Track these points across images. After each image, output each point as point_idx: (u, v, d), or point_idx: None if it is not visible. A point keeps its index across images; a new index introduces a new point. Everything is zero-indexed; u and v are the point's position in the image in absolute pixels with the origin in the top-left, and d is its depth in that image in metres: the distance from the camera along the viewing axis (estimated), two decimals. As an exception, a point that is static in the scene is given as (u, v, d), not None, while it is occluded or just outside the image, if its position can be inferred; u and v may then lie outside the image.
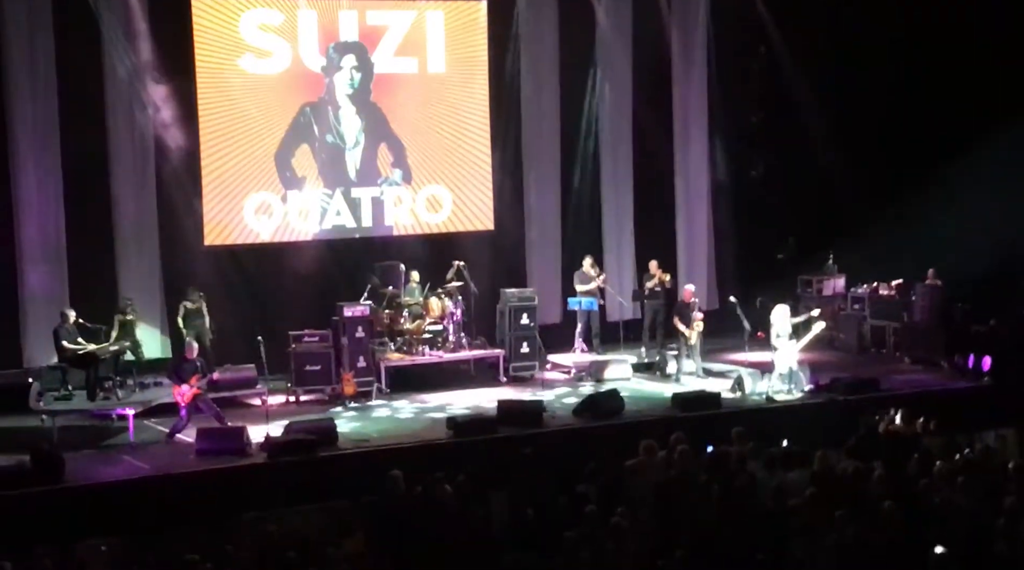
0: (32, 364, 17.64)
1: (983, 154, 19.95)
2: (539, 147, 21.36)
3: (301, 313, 18.68)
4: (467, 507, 12.03)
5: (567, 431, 15.73)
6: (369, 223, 20.21)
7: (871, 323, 20.83)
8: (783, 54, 22.20)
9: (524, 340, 19.06)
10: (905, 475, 12.24)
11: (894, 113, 21.55)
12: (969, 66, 20.63)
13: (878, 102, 21.68)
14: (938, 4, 20.78)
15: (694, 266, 22.46)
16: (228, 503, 13.46)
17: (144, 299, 18.35)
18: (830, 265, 21.95)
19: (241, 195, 19.33)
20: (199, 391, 15.56)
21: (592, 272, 19.95)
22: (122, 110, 18.54)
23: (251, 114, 19.37)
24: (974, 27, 20.62)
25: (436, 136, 20.57)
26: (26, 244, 18.09)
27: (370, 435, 15.64)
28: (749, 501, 11.57)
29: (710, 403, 16.60)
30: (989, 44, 20.48)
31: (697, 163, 22.55)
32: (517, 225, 21.35)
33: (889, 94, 21.63)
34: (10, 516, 12.72)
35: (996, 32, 20.51)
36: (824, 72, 22.11)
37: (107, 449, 15.28)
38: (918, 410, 15.21)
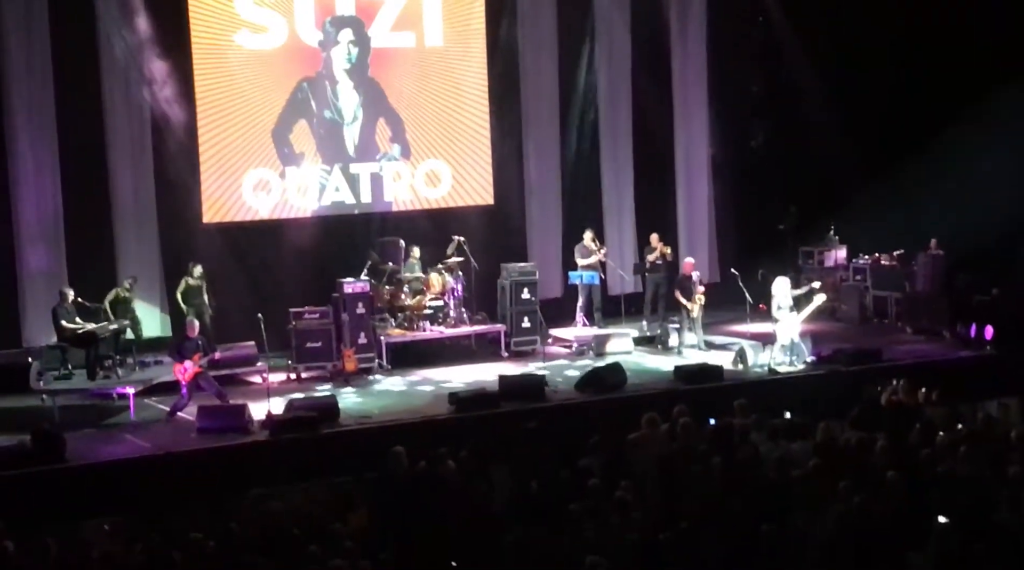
0: (31, 344, 17.60)
1: (984, 121, 19.84)
2: (538, 121, 21.27)
3: (301, 290, 18.64)
4: (470, 482, 12.00)
5: (569, 405, 15.72)
6: (368, 199, 20.13)
7: (873, 293, 20.81)
8: (781, 24, 22.08)
9: (525, 315, 19.01)
10: (908, 445, 12.21)
11: (894, 82, 21.43)
12: (968, 33, 20.48)
13: (879, 71, 21.56)
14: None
15: (695, 238, 22.40)
16: (230, 481, 13.46)
17: (143, 277, 18.31)
18: (831, 236, 21.89)
19: (239, 172, 19.25)
20: (200, 369, 15.53)
21: (593, 246, 19.88)
22: (118, 88, 18.45)
23: (248, 90, 19.27)
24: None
25: (435, 111, 20.46)
26: (24, 223, 18.04)
27: (372, 411, 15.62)
28: (752, 473, 11.55)
29: (712, 376, 16.57)
30: (986, 10, 20.32)
31: (697, 134, 22.47)
32: (517, 199, 21.28)
33: (890, 63, 21.50)
34: (12, 496, 12.69)
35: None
36: (823, 41, 21.98)
37: (108, 428, 15.26)
38: (921, 380, 15.18)
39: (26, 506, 12.56)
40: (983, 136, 19.93)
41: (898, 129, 21.30)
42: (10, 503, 12.46)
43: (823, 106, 21.83)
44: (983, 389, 16.20)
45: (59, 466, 13.45)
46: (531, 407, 15.41)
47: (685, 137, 22.41)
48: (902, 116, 21.21)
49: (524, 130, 21.24)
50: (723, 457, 11.87)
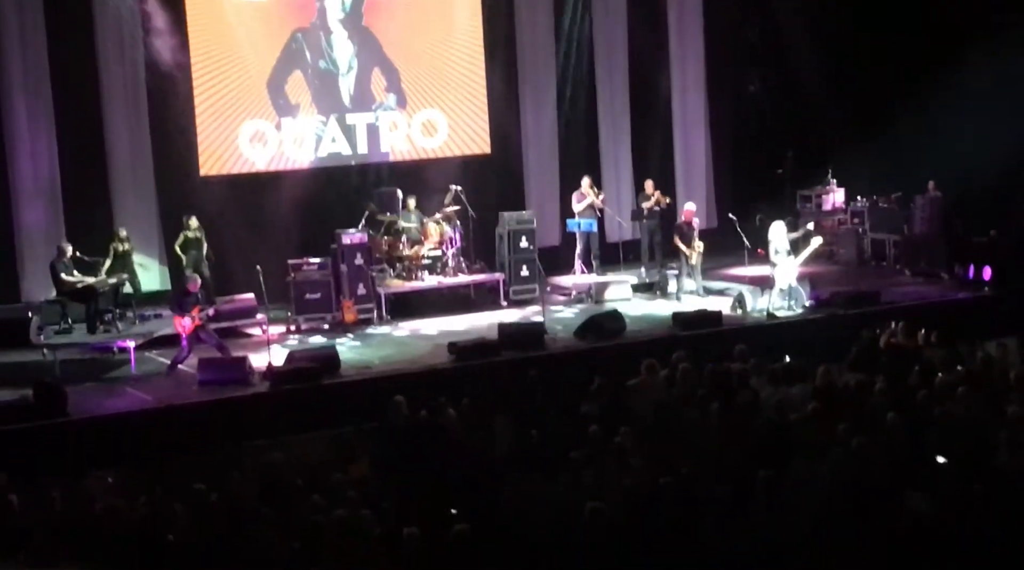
0: (31, 299, 17.61)
1: (980, 60, 19.73)
2: (534, 69, 21.17)
3: (299, 241, 18.66)
4: (470, 431, 12.06)
5: (569, 353, 15.74)
6: (365, 149, 20.08)
7: (871, 236, 20.80)
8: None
9: (523, 263, 19.00)
10: (907, 387, 12.26)
11: (890, 22, 21.21)
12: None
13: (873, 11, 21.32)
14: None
15: (692, 184, 22.37)
16: (232, 433, 13.51)
17: (141, 231, 18.33)
18: (829, 180, 21.85)
19: (235, 124, 19.19)
20: (200, 322, 15.54)
21: (591, 192, 19.84)
22: (113, 42, 18.36)
23: (242, 42, 19.19)
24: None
25: (430, 59, 20.37)
26: (20, 179, 18.03)
27: (372, 362, 15.65)
28: (751, 417, 11.60)
29: (711, 321, 16.59)
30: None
31: (693, 81, 22.37)
32: (514, 148, 21.23)
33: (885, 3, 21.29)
34: (15, 450, 12.74)
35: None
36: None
37: (109, 382, 15.30)
38: (919, 322, 15.21)
39: (29, 460, 12.61)
40: (981, 76, 19.82)
41: (895, 71, 21.20)
42: (13, 457, 12.51)
43: (818, 51, 21.70)
44: (982, 330, 16.21)
45: (61, 420, 13.50)
46: (530, 355, 15.44)
47: (681, 83, 22.31)
48: (898, 57, 21.08)
49: (520, 78, 21.15)
50: (722, 402, 11.92)
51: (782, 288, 17.19)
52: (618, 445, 10.83)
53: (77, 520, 10.24)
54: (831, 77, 21.57)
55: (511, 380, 14.07)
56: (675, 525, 9.12)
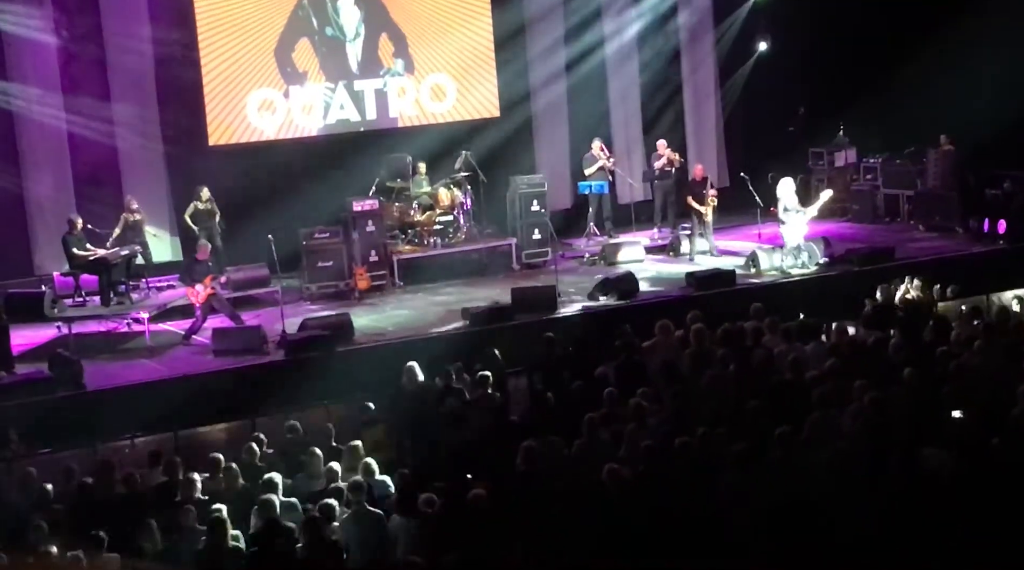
0: (42, 271, 17.63)
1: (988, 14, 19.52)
2: (542, 31, 21.00)
3: (310, 210, 18.58)
4: (485, 395, 12.06)
5: (583, 315, 15.71)
6: (373, 115, 20.00)
7: (884, 192, 20.68)
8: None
9: (535, 227, 18.96)
10: (922, 342, 12.22)
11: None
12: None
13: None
14: None
15: (703, 143, 22.26)
16: (248, 401, 13.55)
17: (152, 202, 18.30)
18: (841, 137, 21.71)
19: (243, 93, 19.12)
20: (213, 291, 15.56)
21: (601, 155, 19.76)
22: (118, 12, 18.27)
23: (248, 10, 19.06)
24: None
25: (437, 24, 20.23)
26: (28, 152, 17.98)
27: (386, 328, 15.66)
28: (767, 375, 11.58)
29: (725, 280, 16.54)
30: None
31: (703, 38, 22.21)
32: (524, 111, 21.09)
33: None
34: (33, 423, 12.79)
35: None
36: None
37: (124, 353, 15.33)
38: (934, 277, 15.16)
39: (48, 432, 12.68)
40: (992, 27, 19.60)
41: (906, 24, 20.93)
42: (32, 429, 12.58)
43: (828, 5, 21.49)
44: (997, 283, 16.16)
45: (77, 392, 13.54)
46: (544, 318, 15.43)
47: (691, 42, 22.15)
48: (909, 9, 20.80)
49: (528, 40, 20.99)
50: (737, 361, 11.89)
51: (793, 245, 17.13)
52: (635, 406, 10.82)
53: (97, 489, 10.30)
54: (841, 33, 21.34)
55: (525, 344, 14.06)
56: (693, 484, 9.11)
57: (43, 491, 10.37)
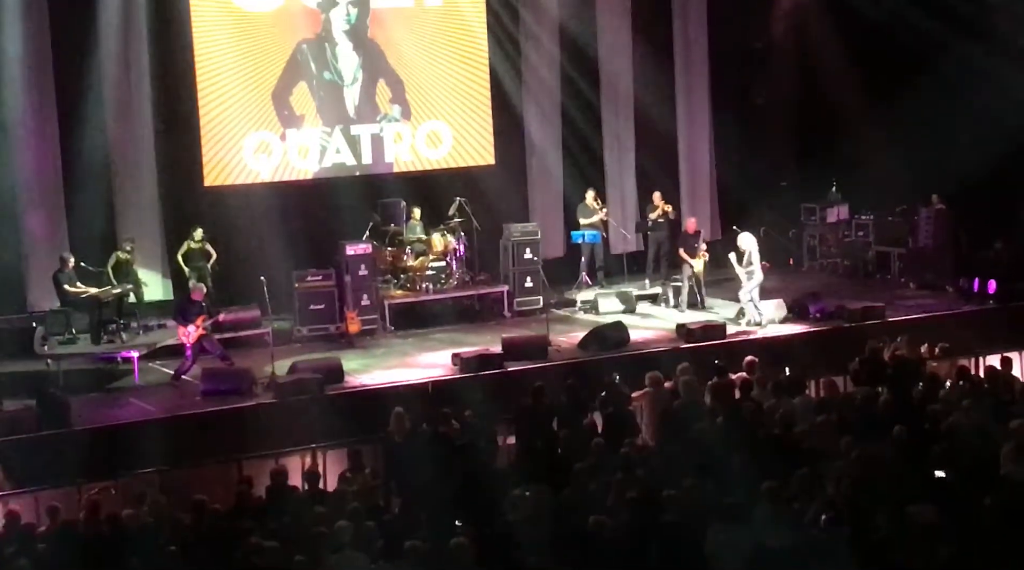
0: (35, 308, 17.59)
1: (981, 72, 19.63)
2: (538, 79, 21.14)
3: (303, 252, 18.59)
4: (474, 442, 12.04)
5: (573, 364, 15.72)
6: (369, 160, 20.08)
7: (876, 249, 20.77)
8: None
9: (528, 275, 19.01)
10: (911, 399, 12.24)
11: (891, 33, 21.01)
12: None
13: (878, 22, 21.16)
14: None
15: (697, 196, 22.37)
16: (236, 443, 13.49)
17: (144, 242, 18.29)
18: (833, 193, 21.83)
19: (240, 135, 19.19)
20: (204, 332, 15.55)
21: (595, 205, 19.85)
22: (118, 52, 18.33)
23: (247, 53, 19.18)
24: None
25: (434, 71, 20.37)
26: (24, 189, 17.99)
27: (375, 373, 15.64)
28: (755, 428, 11.58)
29: (715, 333, 16.57)
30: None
31: (698, 91, 22.37)
32: (518, 159, 21.20)
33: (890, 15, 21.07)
34: (19, 461, 12.73)
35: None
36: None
37: (113, 392, 15.31)
38: (924, 335, 15.20)
39: (33, 470, 12.61)
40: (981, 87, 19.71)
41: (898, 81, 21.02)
42: (17, 467, 12.52)
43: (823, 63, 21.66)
44: (987, 343, 16.19)
45: (64, 430, 13.49)
46: (535, 366, 15.43)
47: (686, 94, 22.31)
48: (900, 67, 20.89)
49: (524, 89, 21.13)
50: (725, 414, 11.90)
51: (746, 300, 17.21)
52: (623, 456, 10.81)
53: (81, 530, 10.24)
54: (836, 89, 21.51)
55: (515, 392, 14.05)
56: (679, 537, 9.10)
57: (28, 529, 10.31)
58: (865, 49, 20.96)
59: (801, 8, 22.16)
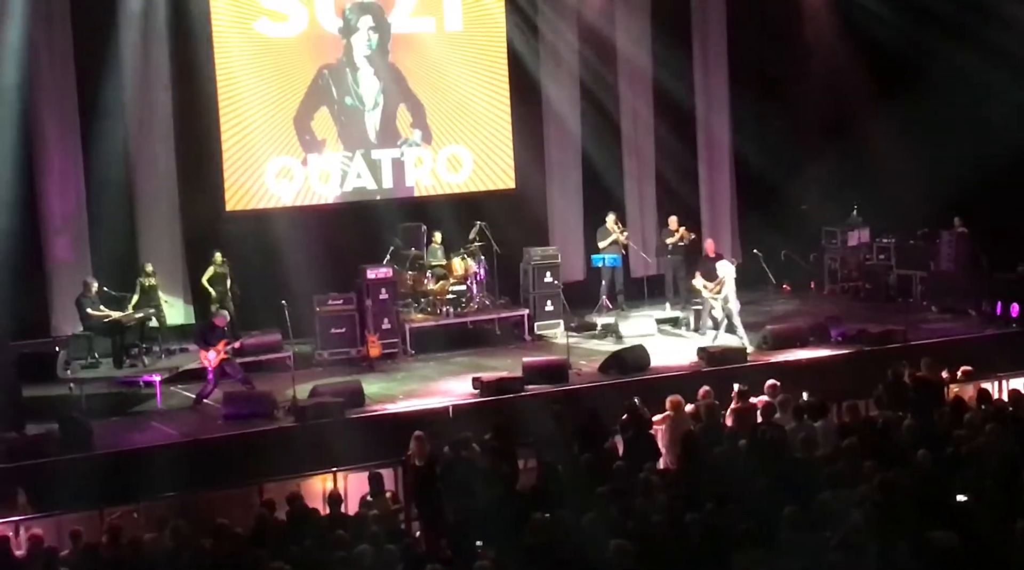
0: (59, 333, 17.69)
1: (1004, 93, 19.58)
2: (559, 103, 21.20)
3: (324, 276, 18.63)
4: (495, 466, 12.03)
5: (594, 388, 15.71)
6: (390, 185, 20.15)
7: (897, 273, 20.70)
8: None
9: (548, 298, 19.02)
10: (934, 424, 12.18)
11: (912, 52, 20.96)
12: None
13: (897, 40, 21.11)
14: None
15: (717, 219, 22.36)
16: (257, 467, 13.51)
17: (166, 267, 18.38)
18: (854, 216, 21.79)
19: (261, 160, 19.29)
20: (226, 356, 15.60)
21: (615, 229, 19.86)
22: (140, 78, 18.46)
23: (269, 78, 19.29)
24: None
25: (455, 95, 20.45)
26: (49, 215, 18.14)
27: (396, 396, 15.66)
28: (777, 453, 11.55)
29: (736, 357, 16.53)
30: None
31: (718, 114, 22.38)
32: (538, 183, 21.23)
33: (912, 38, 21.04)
34: (41, 484, 12.78)
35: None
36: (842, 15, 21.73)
37: (135, 416, 15.37)
38: (946, 359, 15.13)
39: (56, 494, 12.65)
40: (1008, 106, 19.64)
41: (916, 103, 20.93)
42: (39, 490, 12.57)
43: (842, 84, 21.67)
44: (1009, 366, 16.11)
45: (87, 454, 13.54)
46: (555, 390, 15.42)
47: (706, 118, 22.33)
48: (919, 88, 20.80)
49: (545, 113, 21.21)
50: (747, 437, 11.87)
51: (710, 326, 17.27)
52: (644, 480, 10.79)
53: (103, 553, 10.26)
54: (855, 111, 21.51)
55: (536, 415, 14.04)
56: (700, 562, 9.06)
57: (51, 553, 10.34)
58: (885, 68, 20.98)
59: (819, 32, 22.14)
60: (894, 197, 21.06)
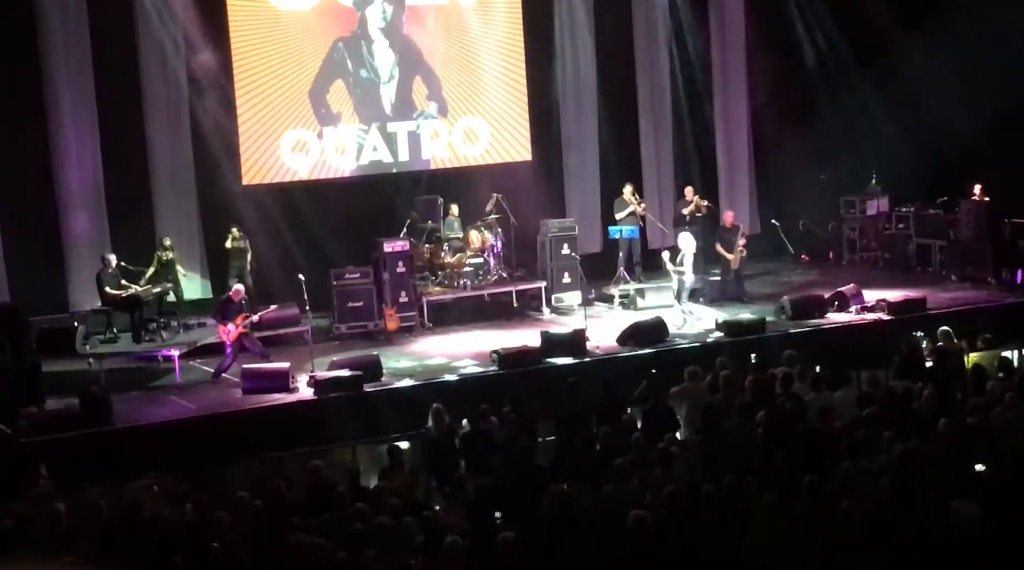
0: (77, 308, 17.76)
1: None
2: (575, 75, 21.12)
3: (341, 250, 18.66)
4: (513, 438, 12.03)
5: (611, 359, 15.69)
6: (406, 158, 20.12)
7: (916, 241, 20.60)
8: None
9: (565, 270, 18.98)
10: (953, 393, 12.13)
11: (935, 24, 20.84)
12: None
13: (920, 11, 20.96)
14: None
15: (735, 190, 22.27)
16: (275, 440, 13.56)
17: (183, 241, 18.41)
18: (873, 185, 21.66)
19: (277, 133, 19.28)
20: (244, 330, 15.63)
21: (632, 200, 19.78)
22: (155, 53, 18.47)
23: (284, 52, 19.26)
24: None
25: (470, 67, 20.38)
26: (66, 190, 18.17)
27: (414, 369, 15.67)
28: (795, 423, 11.52)
29: (754, 327, 16.49)
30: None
31: (735, 84, 22.27)
32: (555, 155, 21.18)
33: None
34: (62, 459, 12.83)
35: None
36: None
37: (154, 390, 15.42)
38: (966, 327, 15.06)
39: (76, 468, 12.71)
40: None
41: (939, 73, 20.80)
42: (60, 465, 12.62)
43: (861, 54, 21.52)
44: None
45: (107, 428, 13.60)
46: (573, 362, 15.40)
47: (723, 88, 22.23)
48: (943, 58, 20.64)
49: (561, 84, 21.11)
50: (765, 408, 11.84)
51: (679, 303, 17.32)
52: (663, 451, 10.78)
53: (124, 527, 10.30)
54: (874, 80, 21.36)
55: (554, 388, 14.04)
56: (719, 533, 9.05)
57: (71, 528, 10.39)
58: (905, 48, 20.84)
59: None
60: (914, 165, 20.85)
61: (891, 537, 8.75)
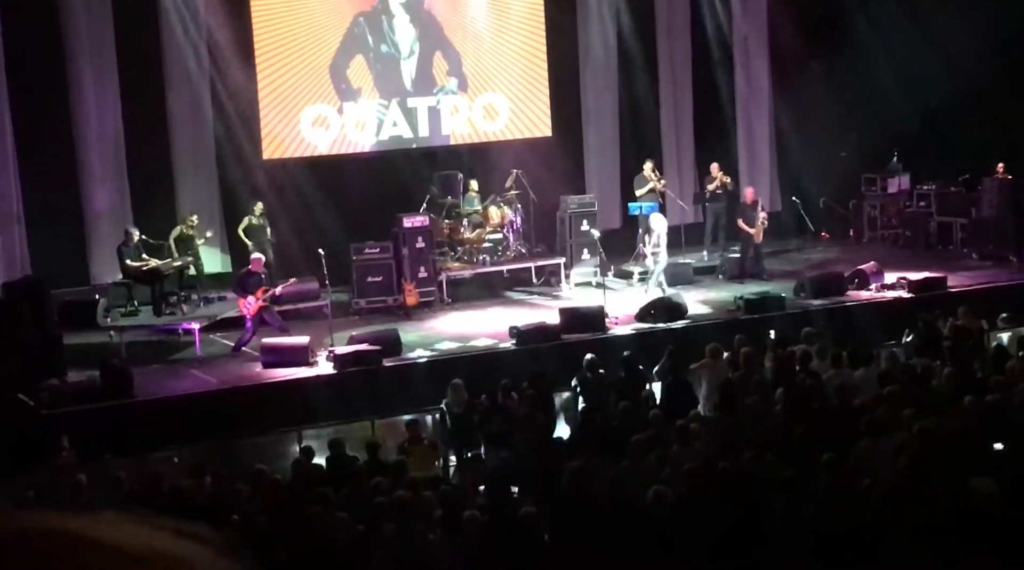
0: (98, 281, 17.83)
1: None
2: (595, 50, 21.06)
3: (361, 225, 18.68)
4: (532, 414, 12.06)
5: (631, 336, 15.69)
6: (426, 133, 20.10)
7: (937, 220, 20.50)
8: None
9: (584, 247, 18.96)
10: (973, 372, 12.10)
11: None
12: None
13: None
14: None
15: (755, 167, 22.19)
16: (295, 414, 13.61)
17: (204, 215, 18.44)
18: (895, 162, 21.55)
19: (297, 108, 19.29)
20: (264, 304, 15.67)
21: (652, 176, 19.74)
22: (177, 27, 18.46)
23: (305, 26, 19.24)
24: None
25: (491, 43, 20.33)
26: (88, 164, 18.22)
27: (433, 344, 15.70)
28: (814, 401, 11.51)
29: (774, 304, 16.45)
30: None
31: (757, 61, 22.16)
32: (575, 131, 21.14)
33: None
34: (83, 431, 12.92)
35: None
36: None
37: (174, 363, 15.49)
38: (987, 306, 15.01)
39: (97, 440, 12.80)
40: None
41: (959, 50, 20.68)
42: (81, 437, 12.70)
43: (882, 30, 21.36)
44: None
45: (128, 401, 13.68)
46: (592, 338, 15.41)
47: (744, 64, 22.11)
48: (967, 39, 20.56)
49: (581, 60, 21.06)
50: (784, 385, 11.83)
51: (655, 283, 17.37)
52: (681, 428, 10.79)
53: (144, 499, 10.37)
54: (895, 57, 21.22)
55: (573, 364, 14.05)
56: (738, 509, 9.06)
57: (92, 500, 10.46)
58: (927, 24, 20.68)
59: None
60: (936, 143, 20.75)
61: (909, 514, 8.74)
